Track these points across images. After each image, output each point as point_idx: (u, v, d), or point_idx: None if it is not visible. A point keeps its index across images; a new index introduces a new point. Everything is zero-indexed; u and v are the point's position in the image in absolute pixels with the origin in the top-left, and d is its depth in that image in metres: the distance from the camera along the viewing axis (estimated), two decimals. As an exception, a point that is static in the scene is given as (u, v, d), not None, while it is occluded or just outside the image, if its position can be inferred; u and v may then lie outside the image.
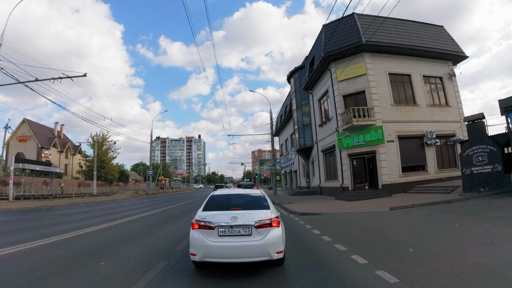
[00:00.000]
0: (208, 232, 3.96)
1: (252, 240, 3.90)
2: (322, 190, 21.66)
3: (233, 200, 4.75)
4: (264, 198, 4.78)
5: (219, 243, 3.88)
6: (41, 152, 43.49)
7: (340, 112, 17.89)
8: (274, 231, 4.01)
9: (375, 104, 17.36)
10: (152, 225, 9.57)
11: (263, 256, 3.87)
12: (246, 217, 4.05)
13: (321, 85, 21.15)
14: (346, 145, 17.30)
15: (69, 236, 7.46)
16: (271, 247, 3.88)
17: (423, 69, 19.55)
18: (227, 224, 3.96)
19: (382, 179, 16.50)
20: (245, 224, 3.95)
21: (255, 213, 4.16)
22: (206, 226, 3.99)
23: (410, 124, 18.04)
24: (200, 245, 3.92)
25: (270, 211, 4.29)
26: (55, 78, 15.53)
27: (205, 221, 4.03)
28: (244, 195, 5.05)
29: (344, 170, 17.39)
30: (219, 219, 4.03)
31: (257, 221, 3.98)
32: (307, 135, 24.72)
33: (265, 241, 3.89)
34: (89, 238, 7.24)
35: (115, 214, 13.42)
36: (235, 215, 4.06)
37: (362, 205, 12.47)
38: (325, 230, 7.35)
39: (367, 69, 18.01)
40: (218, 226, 3.95)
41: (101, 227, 9.00)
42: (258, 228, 3.95)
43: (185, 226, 8.90)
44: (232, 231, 3.94)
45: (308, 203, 15.70)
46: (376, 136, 16.74)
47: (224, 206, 4.49)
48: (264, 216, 4.09)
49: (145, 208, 17.04)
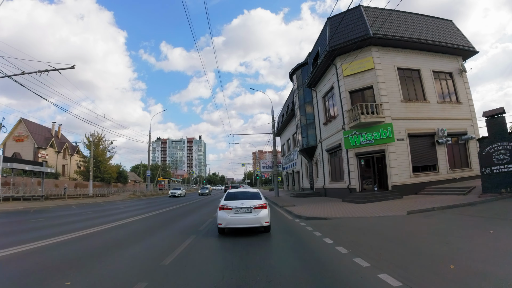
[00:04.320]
0: (228, 211, 6.94)
1: (252, 215, 6.90)
2: (326, 192, 20.60)
3: (240, 194, 7.92)
4: (258, 194, 7.86)
5: (234, 217, 6.87)
6: (38, 152, 42.59)
7: (347, 109, 16.89)
8: (264, 210, 7.04)
9: (384, 100, 16.36)
10: (143, 230, 8.60)
11: (257, 223, 6.90)
12: (249, 203, 7.06)
13: (326, 81, 20.16)
14: (353, 143, 16.27)
15: (44, 243, 6.49)
16: (262, 219, 6.90)
17: (432, 64, 18.58)
18: (238, 207, 6.95)
19: (392, 180, 15.48)
20: (248, 206, 6.97)
21: (253, 201, 7.17)
22: (227, 208, 6.99)
23: (421, 121, 17.05)
24: (224, 218, 6.89)
25: (262, 200, 7.31)
26: (41, 71, 14.60)
27: (226, 206, 7.03)
28: (246, 192, 8.26)
29: (351, 171, 16.35)
30: (234, 204, 7.01)
31: (255, 205, 7.01)
32: (310, 134, 23.70)
33: (259, 215, 6.90)
34: (66, 246, 6.26)
35: (106, 217, 12.40)
36: (242, 202, 7.09)
37: (373, 208, 11.44)
38: (338, 239, 6.33)
39: (375, 64, 17.02)
40: (234, 208, 6.93)
41: (83, 233, 8.00)
42: (255, 209, 6.96)
43: (176, 234, 7.93)
44: (241, 210, 6.93)
45: (313, 205, 14.68)
46: (386, 134, 15.72)
47: (236, 197, 7.55)
48: (258, 203, 7.11)
49: (139, 210, 16.05)
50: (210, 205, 19.63)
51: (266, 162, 54.19)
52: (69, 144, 50.35)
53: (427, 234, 6.31)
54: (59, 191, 31.12)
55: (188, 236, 7.14)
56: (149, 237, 7.35)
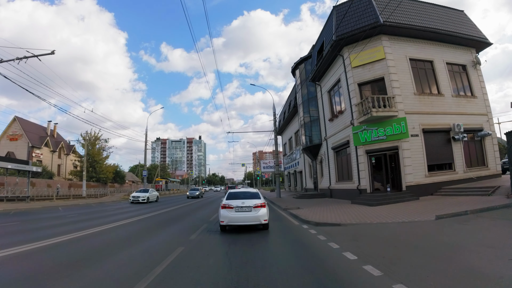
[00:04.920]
0: (229, 210, 7.60)
1: (252, 213, 7.61)
2: (332, 193, 19.25)
3: (241, 194, 8.58)
4: (257, 194, 8.55)
5: (235, 215, 7.55)
6: (32, 152, 41.31)
7: (356, 103, 15.56)
8: (263, 209, 7.73)
9: (397, 93, 15.04)
10: (128, 237, 7.28)
11: (257, 221, 7.62)
12: (249, 202, 7.75)
13: (332, 74, 18.84)
14: (363, 140, 14.93)
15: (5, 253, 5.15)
16: (261, 217, 7.63)
17: (446, 55, 17.28)
18: (239, 205, 7.63)
19: (406, 180, 14.15)
20: (248, 205, 7.67)
21: (253, 200, 7.86)
22: (229, 207, 7.64)
23: (435, 116, 15.76)
24: (226, 216, 7.55)
25: (261, 200, 7.98)
26: (19, 58, 13.34)
27: (228, 205, 7.67)
28: (247, 192, 8.93)
29: (361, 170, 15.01)
30: (235, 203, 7.67)
31: (254, 204, 7.71)
32: (314, 132, 22.36)
33: (258, 214, 7.61)
34: (25, 259, 4.93)
35: (88, 221, 11.06)
36: (243, 201, 7.78)
37: (391, 212, 10.10)
38: (362, 253, 4.97)
39: (386, 53, 15.71)
40: (235, 207, 7.60)
41: (47, 243, 6.67)
42: (255, 208, 7.67)
43: (161, 245, 6.63)
44: (242, 209, 7.61)
45: (320, 208, 13.36)
46: (399, 129, 14.38)
47: (236, 197, 8.20)
48: (258, 202, 7.79)
49: (130, 213, 14.72)
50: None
51: (266, 162, 52.87)
52: (65, 143, 49.06)
53: (477, 246, 4.96)
54: (51, 191, 29.86)
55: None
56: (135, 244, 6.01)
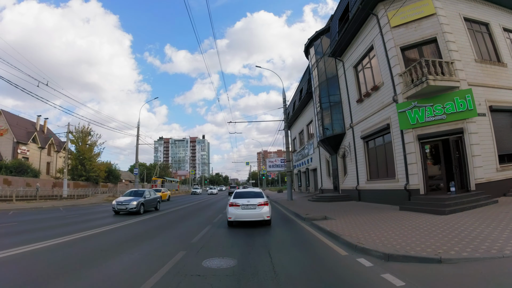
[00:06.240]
0: (236, 207, 8.83)
1: (256, 211, 8.78)
2: (361, 195, 14.99)
3: (246, 194, 9.91)
4: (261, 193, 10.02)
5: (242, 212, 8.76)
6: (18, 148, 37.84)
7: (400, 72, 11.44)
8: (266, 207, 8.89)
9: (456, 57, 10.93)
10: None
11: (260, 218, 8.77)
12: (253, 201, 9.00)
13: (360, 42, 14.71)
14: (413, 121, 10.73)
15: None
16: (264, 214, 8.78)
17: (501, 19, 13.48)
18: (244, 204, 8.84)
19: (476, 175, 10.00)
20: (253, 204, 8.87)
21: (257, 199, 9.10)
22: (235, 205, 8.86)
23: (501, 91, 11.78)
24: (233, 213, 8.78)
25: (264, 199, 9.24)
26: None
27: (235, 203, 8.90)
28: (251, 191, 10.37)
29: (410, 163, 10.81)
30: (241, 202, 8.90)
31: (258, 203, 8.89)
32: (335, 120, 18.21)
33: (262, 211, 8.78)
34: None
35: (24, 234, 7.13)
36: (248, 200, 9.04)
37: (494, 227, 5.97)
38: None
39: (436, 8, 11.65)
40: (241, 205, 8.82)
41: None
42: (259, 206, 8.84)
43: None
44: (247, 207, 8.82)
45: (361, 219, 9.28)
46: (464, 105, 10.24)
47: (242, 196, 9.50)
48: (261, 201, 9.01)
49: (89, 223, 10.77)
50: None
51: (272, 160, 48.54)
52: (56, 140, 45.48)
53: None
54: (30, 191, 26.24)
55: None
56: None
